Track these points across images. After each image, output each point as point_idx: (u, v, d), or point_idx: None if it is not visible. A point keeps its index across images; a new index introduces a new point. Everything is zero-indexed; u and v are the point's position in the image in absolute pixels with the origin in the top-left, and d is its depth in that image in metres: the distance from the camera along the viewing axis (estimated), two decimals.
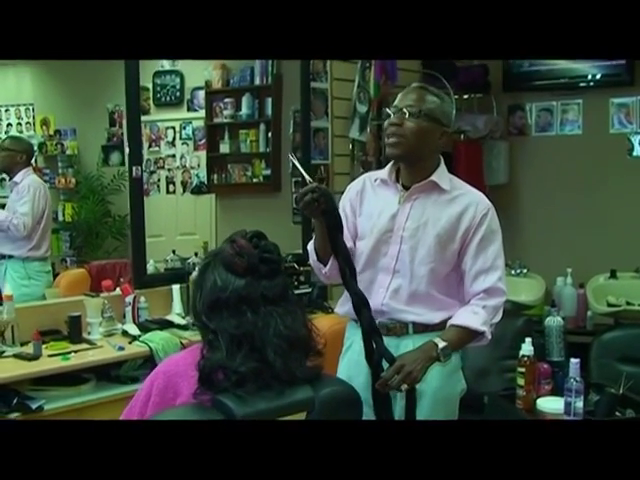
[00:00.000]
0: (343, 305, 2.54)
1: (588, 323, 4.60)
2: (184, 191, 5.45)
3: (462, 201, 2.38)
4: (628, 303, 4.20)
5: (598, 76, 4.89)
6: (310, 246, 2.45)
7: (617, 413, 2.69)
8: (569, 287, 4.65)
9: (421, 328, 2.39)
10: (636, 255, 4.58)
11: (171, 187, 5.47)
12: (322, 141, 4.37)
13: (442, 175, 2.41)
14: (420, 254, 2.37)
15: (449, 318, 2.39)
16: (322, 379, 1.90)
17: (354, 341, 2.49)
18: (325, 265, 2.40)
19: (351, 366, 2.43)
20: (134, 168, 3.62)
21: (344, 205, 2.51)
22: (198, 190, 5.39)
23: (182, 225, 5.37)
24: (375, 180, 2.49)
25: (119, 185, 5.39)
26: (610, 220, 4.87)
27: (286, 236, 4.11)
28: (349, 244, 2.41)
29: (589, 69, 4.90)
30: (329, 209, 2.20)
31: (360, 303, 2.25)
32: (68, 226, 5.23)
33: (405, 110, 2.31)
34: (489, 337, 2.36)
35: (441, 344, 2.25)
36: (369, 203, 2.48)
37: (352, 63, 4.40)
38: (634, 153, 4.85)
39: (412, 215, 2.39)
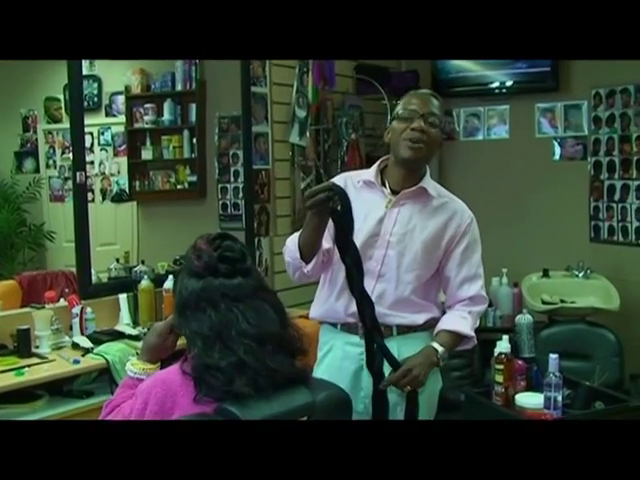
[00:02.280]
0: (318, 308, 2.51)
1: None
2: (103, 199, 5.23)
3: (448, 209, 2.41)
4: (562, 300, 4.35)
5: (524, 82, 5.00)
6: (291, 243, 2.36)
7: None
8: (504, 287, 4.75)
9: (405, 330, 2.40)
10: (565, 254, 4.73)
11: (90, 195, 5.22)
12: (263, 146, 4.30)
13: (429, 181, 2.44)
14: (407, 260, 2.37)
15: (431, 319, 2.42)
16: (314, 382, 1.89)
17: (334, 345, 2.47)
18: (307, 263, 2.34)
19: (332, 372, 2.37)
20: (78, 174, 3.49)
21: None
22: (119, 198, 5.18)
23: (102, 235, 5.09)
24: (358, 182, 2.46)
25: (34, 193, 5.19)
26: (539, 221, 5.01)
27: None
28: (328, 245, 2.36)
29: (515, 75, 5.00)
30: (344, 209, 2.14)
31: (365, 303, 2.21)
32: None
33: (431, 119, 2.33)
34: (475, 342, 2.43)
35: (440, 349, 2.31)
36: (353, 204, 2.45)
37: (291, 68, 4.37)
38: (554, 157, 5.03)
39: (399, 220, 2.39)
